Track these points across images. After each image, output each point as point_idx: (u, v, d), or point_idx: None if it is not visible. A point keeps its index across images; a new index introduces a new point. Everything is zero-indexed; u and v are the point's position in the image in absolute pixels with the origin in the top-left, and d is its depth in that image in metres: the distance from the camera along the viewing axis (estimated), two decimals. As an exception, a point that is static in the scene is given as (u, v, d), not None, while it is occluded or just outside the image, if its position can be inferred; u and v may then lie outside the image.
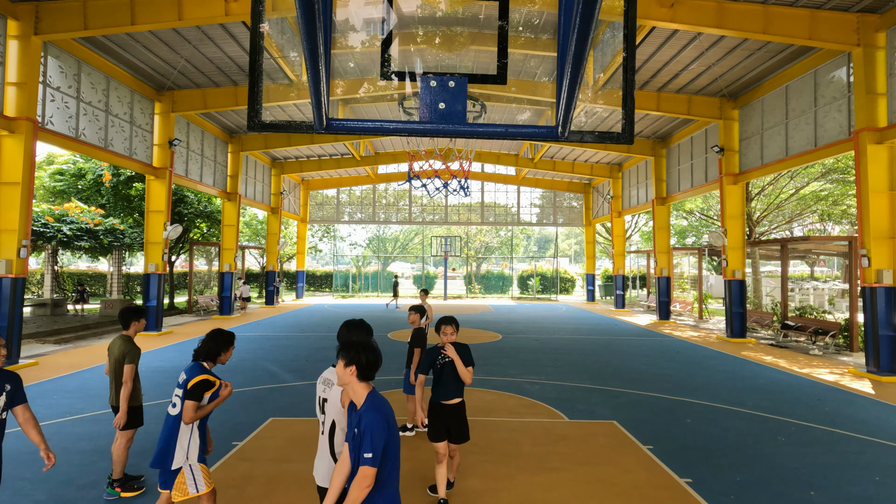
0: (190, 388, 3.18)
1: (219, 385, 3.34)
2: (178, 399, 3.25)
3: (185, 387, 3.20)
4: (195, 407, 3.19)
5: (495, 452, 5.36)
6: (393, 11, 2.68)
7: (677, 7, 10.06)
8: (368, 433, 2.22)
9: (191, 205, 20.49)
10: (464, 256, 35.07)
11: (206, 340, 3.38)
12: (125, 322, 4.28)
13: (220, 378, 3.41)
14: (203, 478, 3.25)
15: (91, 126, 12.14)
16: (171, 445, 3.21)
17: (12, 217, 9.71)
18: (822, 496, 4.45)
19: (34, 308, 17.07)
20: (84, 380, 8.46)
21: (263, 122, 2.46)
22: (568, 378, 9.00)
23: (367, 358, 2.39)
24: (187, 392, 3.18)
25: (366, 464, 2.18)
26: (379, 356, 2.44)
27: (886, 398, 7.91)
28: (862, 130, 9.87)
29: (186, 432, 3.24)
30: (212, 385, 3.28)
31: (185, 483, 3.19)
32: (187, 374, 3.26)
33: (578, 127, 18.38)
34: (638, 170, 22.02)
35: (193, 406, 3.18)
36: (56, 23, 10.15)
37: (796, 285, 23.60)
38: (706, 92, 14.57)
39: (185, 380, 3.23)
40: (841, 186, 20.53)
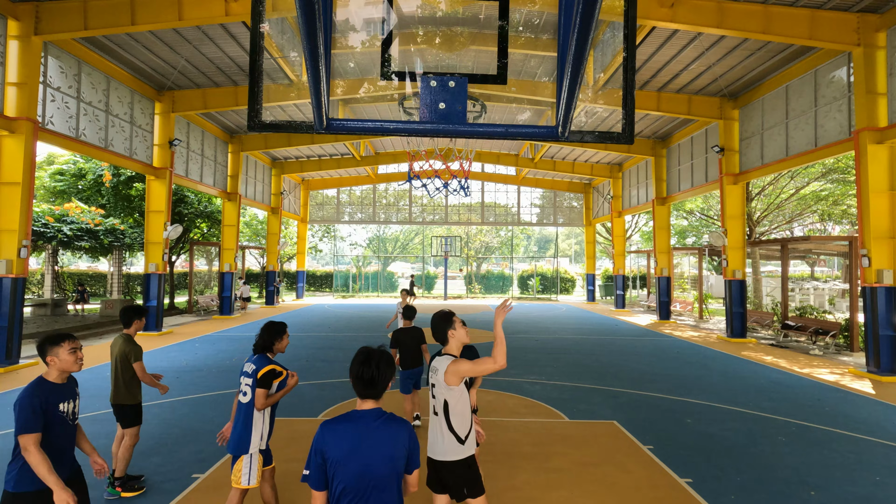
0: (260, 378, 3.42)
1: (286, 375, 3.60)
2: (248, 388, 3.46)
3: (255, 376, 3.43)
4: (265, 394, 3.44)
5: (495, 452, 5.36)
6: (393, 11, 2.69)
7: (677, 7, 10.06)
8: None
9: (191, 205, 20.50)
10: (464, 256, 35.06)
11: (260, 334, 3.64)
12: (126, 321, 4.34)
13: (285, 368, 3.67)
14: (256, 472, 3.45)
15: (91, 126, 12.14)
16: (247, 432, 3.43)
17: (12, 217, 9.72)
18: (822, 496, 4.45)
19: (34, 308, 17.08)
20: (84, 380, 8.45)
21: (263, 122, 2.46)
22: (568, 378, 9.00)
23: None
24: (257, 381, 3.42)
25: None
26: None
27: (886, 398, 7.90)
28: (862, 130, 9.87)
29: (259, 419, 3.47)
30: (279, 374, 3.53)
31: (240, 472, 3.42)
32: (256, 365, 3.49)
33: (578, 127, 18.39)
34: (638, 170, 22.01)
35: (264, 394, 3.44)
36: (56, 23, 10.15)
37: (796, 285, 23.60)
38: (706, 92, 14.57)
39: (254, 370, 3.47)
40: (841, 186, 20.53)
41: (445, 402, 3.02)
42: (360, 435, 2.07)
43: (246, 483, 3.41)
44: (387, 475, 2.04)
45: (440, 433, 3.02)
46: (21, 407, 2.63)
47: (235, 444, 3.44)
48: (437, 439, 3.04)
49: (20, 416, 2.61)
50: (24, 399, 2.65)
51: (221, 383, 8.27)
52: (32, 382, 2.76)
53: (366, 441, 2.06)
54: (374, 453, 2.04)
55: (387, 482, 2.04)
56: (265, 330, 3.66)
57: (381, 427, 2.09)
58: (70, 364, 2.81)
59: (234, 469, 3.43)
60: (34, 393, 2.68)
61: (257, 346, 3.62)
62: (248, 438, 3.43)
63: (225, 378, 8.66)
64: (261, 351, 3.62)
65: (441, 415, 3.03)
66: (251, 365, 3.52)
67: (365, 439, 2.06)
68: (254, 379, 3.43)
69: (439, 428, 3.03)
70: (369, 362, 2.13)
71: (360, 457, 2.03)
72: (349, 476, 2.01)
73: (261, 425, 3.48)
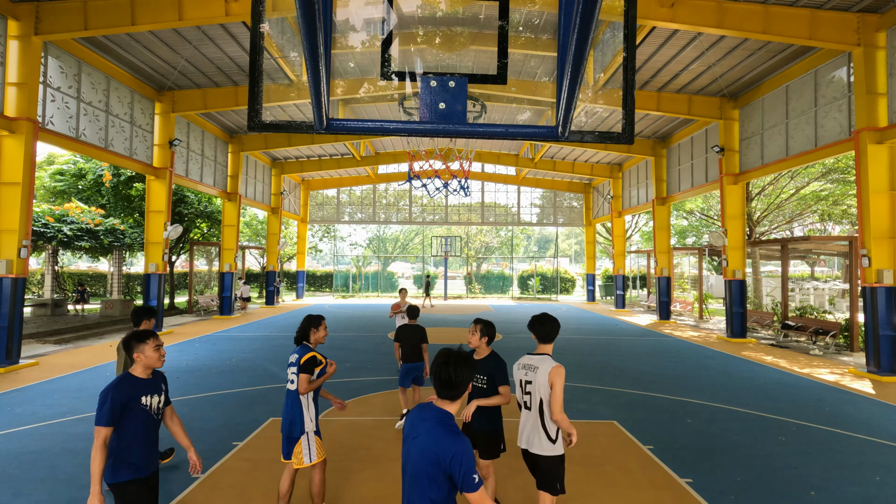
0: (302, 364, 3.72)
1: (325, 363, 3.89)
2: (293, 376, 3.76)
3: (298, 363, 3.73)
4: (308, 380, 3.72)
5: (495, 452, 5.36)
6: (393, 11, 2.69)
7: (677, 7, 10.06)
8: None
9: (191, 205, 20.49)
10: (464, 256, 35.07)
11: (301, 326, 3.93)
12: (137, 320, 4.49)
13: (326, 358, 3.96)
14: (316, 449, 3.74)
15: (91, 126, 12.14)
16: (295, 416, 3.74)
17: (12, 217, 9.72)
18: (822, 496, 4.45)
19: (34, 308, 17.08)
20: (84, 380, 8.46)
21: (263, 122, 2.46)
22: (568, 378, 9.00)
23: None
24: (300, 367, 3.72)
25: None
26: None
27: (886, 398, 7.90)
28: (862, 130, 9.87)
29: (305, 402, 3.77)
30: (319, 363, 3.83)
31: (301, 453, 3.70)
32: (298, 354, 3.79)
33: (579, 127, 18.39)
34: (638, 170, 22.01)
35: (306, 379, 3.72)
36: (56, 23, 10.15)
37: (797, 285, 23.60)
38: (706, 92, 14.57)
39: (297, 359, 3.76)
40: (841, 186, 20.53)
41: (541, 401, 3.25)
42: (415, 425, 2.19)
43: (308, 461, 3.69)
44: (421, 469, 2.08)
45: (535, 428, 3.28)
46: (100, 400, 2.79)
47: (289, 428, 3.73)
48: (531, 433, 3.30)
49: (97, 409, 2.79)
50: (105, 392, 2.81)
51: (222, 383, 8.26)
52: (118, 377, 2.91)
53: (415, 432, 2.17)
54: (415, 446, 2.13)
55: (420, 476, 2.08)
56: (303, 321, 3.94)
57: (433, 428, 2.12)
58: (154, 360, 3.00)
59: (295, 452, 3.71)
60: (116, 387, 2.83)
61: (297, 337, 3.92)
62: (301, 421, 3.73)
63: (225, 378, 8.66)
64: (301, 341, 3.90)
65: (535, 411, 3.27)
66: (295, 355, 3.81)
67: (417, 431, 2.17)
68: (297, 366, 3.73)
69: (533, 423, 3.28)
70: (447, 364, 2.19)
71: (410, 443, 2.17)
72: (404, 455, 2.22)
73: (306, 410, 3.77)
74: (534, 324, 3.46)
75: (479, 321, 3.90)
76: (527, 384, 3.34)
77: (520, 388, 3.41)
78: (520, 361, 3.49)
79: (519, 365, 3.47)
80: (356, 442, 5.64)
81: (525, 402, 3.36)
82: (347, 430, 6.01)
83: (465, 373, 2.19)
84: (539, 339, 3.43)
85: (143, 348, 2.97)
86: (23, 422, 6.23)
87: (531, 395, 3.30)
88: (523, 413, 3.40)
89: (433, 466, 2.05)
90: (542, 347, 3.42)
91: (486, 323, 3.88)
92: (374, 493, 4.40)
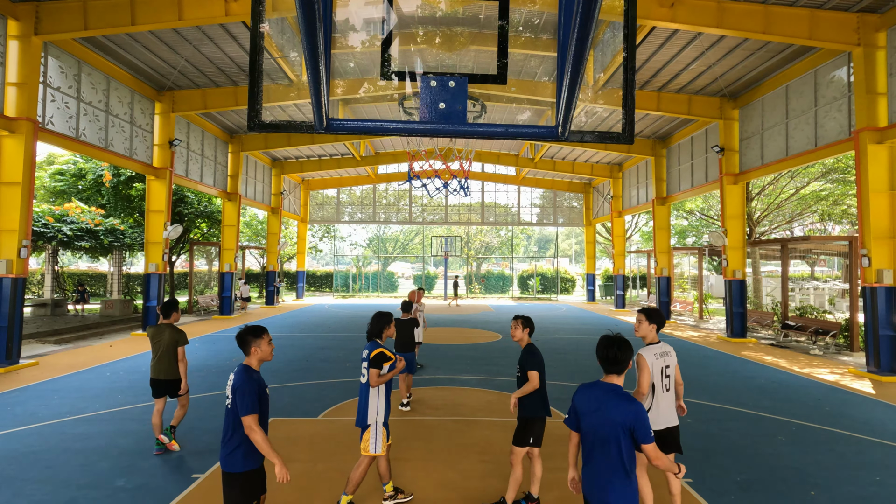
0: (371, 359, 3.97)
1: (395, 359, 4.15)
2: (365, 370, 4.01)
3: (368, 358, 3.99)
4: (377, 374, 3.97)
5: (495, 452, 5.36)
6: (393, 11, 2.69)
7: (677, 7, 10.06)
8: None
9: (191, 205, 20.49)
10: (464, 256, 35.07)
11: (371, 323, 4.22)
12: (167, 313, 5.25)
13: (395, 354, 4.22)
14: (381, 442, 3.98)
15: (91, 126, 12.14)
16: (366, 407, 3.98)
17: (12, 217, 9.72)
18: (822, 496, 4.45)
19: (34, 308, 17.08)
20: (84, 380, 8.46)
21: (263, 122, 2.46)
22: (568, 378, 9.00)
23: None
24: (370, 362, 3.97)
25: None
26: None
27: (886, 398, 7.90)
28: (862, 130, 9.87)
29: (375, 396, 4.00)
30: (388, 358, 4.06)
31: (368, 441, 3.95)
32: (368, 350, 4.05)
33: (578, 127, 18.39)
34: (638, 170, 22.01)
35: (376, 373, 3.96)
36: (56, 23, 10.15)
37: (797, 285, 23.60)
38: (706, 92, 14.57)
39: (367, 355, 4.03)
40: (841, 186, 20.52)
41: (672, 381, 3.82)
42: (597, 399, 2.71)
43: (373, 451, 3.95)
44: (609, 435, 2.62)
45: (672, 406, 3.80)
46: (244, 392, 2.95)
47: (361, 419, 4.01)
48: (672, 410, 3.80)
49: (245, 400, 2.94)
50: (245, 384, 2.97)
51: (222, 383, 8.26)
52: (242, 370, 3.06)
53: (597, 405, 2.70)
54: (602, 416, 2.65)
55: (609, 440, 2.62)
56: (374, 319, 4.23)
57: (612, 399, 2.67)
58: (268, 354, 3.18)
59: (363, 439, 4.00)
60: (251, 378, 3.02)
61: (369, 333, 4.21)
62: (368, 412, 3.98)
63: (225, 378, 8.66)
64: (372, 338, 4.18)
65: (672, 391, 3.80)
66: (366, 351, 4.08)
67: (602, 404, 2.68)
68: (367, 361, 4.00)
69: (671, 401, 3.79)
70: (612, 346, 2.73)
71: (595, 416, 2.69)
72: (588, 427, 2.72)
73: (376, 401, 4.00)
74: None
75: (519, 317, 4.27)
76: (667, 367, 3.81)
77: (661, 375, 3.79)
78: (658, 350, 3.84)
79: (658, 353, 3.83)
80: (357, 443, 5.64)
81: (665, 384, 3.80)
82: (347, 430, 6.01)
83: (626, 352, 2.73)
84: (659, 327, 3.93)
85: (260, 343, 3.11)
86: (23, 422, 6.23)
87: (670, 377, 3.81)
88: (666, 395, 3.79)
89: (620, 428, 2.59)
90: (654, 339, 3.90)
91: (525, 318, 4.25)
92: (379, 493, 4.40)
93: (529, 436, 4.05)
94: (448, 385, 8.34)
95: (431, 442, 5.67)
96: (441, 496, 4.38)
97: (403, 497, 4.23)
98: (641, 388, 3.72)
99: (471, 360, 10.56)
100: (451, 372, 9.33)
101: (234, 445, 2.97)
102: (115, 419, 6.35)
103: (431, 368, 9.56)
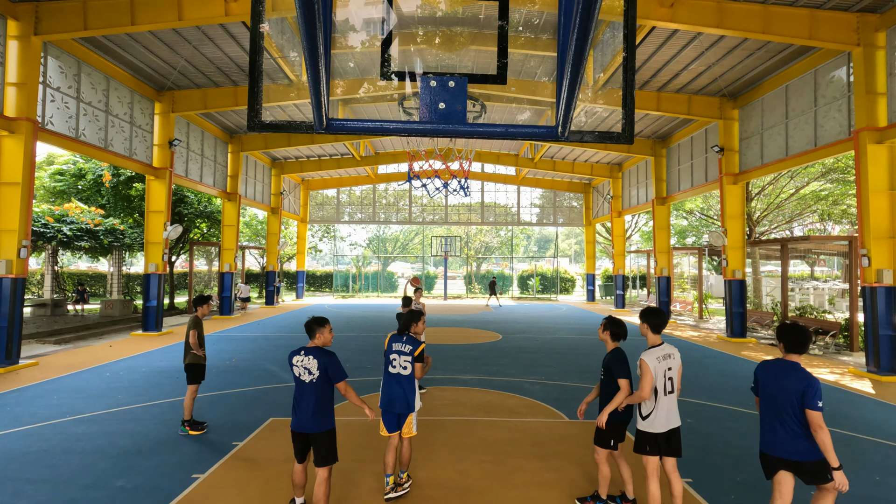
0: (417, 355, 4.45)
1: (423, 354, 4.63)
2: (408, 364, 4.41)
3: (413, 354, 4.43)
4: (422, 368, 4.53)
5: (495, 452, 5.36)
6: (393, 11, 2.69)
7: (677, 7, 10.06)
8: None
9: (191, 205, 20.49)
10: (464, 256, 35.06)
11: (404, 319, 4.64)
12: (194, 306, 6.08)
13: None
14: (416, 423, 4.51)
15: (91, 126, 12.14)
16: (413, 395, 4.40)
17: (12, 217, 9.71)
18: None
19: (34, 308, 17.07)
20: (84, 380, 8.46)
21: (263, 123, 2.46)
22: (568, 378, 9.00)
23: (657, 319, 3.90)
24: (415, 358, 4.44)
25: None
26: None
27: (886, 398, 7.91)
28: (862, 130, 9.87)
29: (415, 386, 4.47)
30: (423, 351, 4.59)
31: (411, 424, 4.43)
32: (412, 346, 4.46)
33: (578, 127, 18.39)
34: (638, 170, 22.02)
35: (421, 367, 4.51)
36: (56, 23, 10.15)
37: (796, 285, 23.60)
38: (706, 92, 14.57)
39: (411, 349, 4.44)
40: (841, 186, 20.53)
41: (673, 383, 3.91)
42: (777, 372, 3.32)
43: (414, 431, 4.46)
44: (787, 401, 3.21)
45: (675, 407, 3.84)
46: (335, 364, 3.85)
47: (407, 405, 4.37)
48: (674, 412, 3.83)
49: (339, 370, 3.86)
50: (331, 359, 3.85)
51: (222, 383, 8.27)
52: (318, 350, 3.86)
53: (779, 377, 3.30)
54: (783, 385, 3.25)
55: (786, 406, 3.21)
56: (406, 316, 4.67)
57: (792, 373, 3.25)
58: (329, 340, 3.98)
59: (407, 423, 4.41)
60: (331, 353, 3.89)
61: (402, 328, 4.60)
62: (414, 399, 4.41)
63: (225, 378, 8.66)
64: (405, 332, 4.57)
65: (675, 393, 3.84)
66: (407, 346, 4.45)
67: (780, 376, 3.29)
68: (412, 357, 4.42)
69: (674, 403, 3.83)
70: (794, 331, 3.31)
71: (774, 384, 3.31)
72: (767, 395, 3.34)
73: (416, 391, 4.49)
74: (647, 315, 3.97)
75: (608, 318, 4.25)
76: (669, 370, 3.84)
77: (664, 378, 3.80)
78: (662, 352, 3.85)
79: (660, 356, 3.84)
80: (359, 442, 5.64)
81: (667, 387, 3.82)
82: (347, 430, 6.02)
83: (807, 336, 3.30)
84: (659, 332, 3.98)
85: (323, 331, 3.92)
86: (23, 422, 6.23)
87: (673, 380, 3.86)
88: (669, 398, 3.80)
89: (796, 396, 3.17)
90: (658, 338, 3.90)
91: (612, 321, 4.19)
92: (378, 495, 4.40)
93: (611, 438, 4.04)
94: (448, 385, 8.33)
95: (431, 442, 5.67)
96: (441, 496, 4.38)
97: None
98: (643, 393, 3.71)
99: (471, 360, 10.56)
100: (451, 372, 9.33)
101: (327, 409, 3.87)
102: (115, 419, 6.35)
103: (431, 368, 9.56)
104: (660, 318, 3.84)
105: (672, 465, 3.85)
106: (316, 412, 3.80)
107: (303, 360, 3.83)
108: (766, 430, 3.33)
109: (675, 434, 3.81)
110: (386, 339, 4.56)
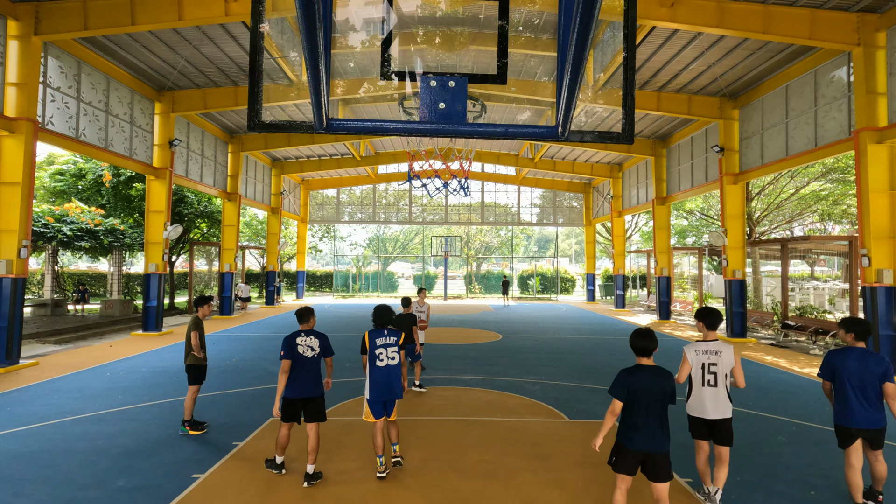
0: (401, 344, 4.91)
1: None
2: (395, 354, 4.77)
3: (398, 344, 4.83)
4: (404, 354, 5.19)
5: (495, 452, 5.36)
6: (393, 11, 2.69)
7: (677, 7, 10.06)
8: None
9: (191, 205, 20.49)
10: (464, 256, 35.06)
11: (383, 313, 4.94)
12: (195, 307, 6.06)
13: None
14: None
15: (91, 126, 12.14)
16: (398, 383, 4.76)
17: (12, 217, 9.72)
18: (822, 496, 4.45)
19: (34, 308, 17.08)
20: (84, 380, 8.46)
21: (263, 123, 2.46)
22: (568, 378, 9.00)
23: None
24: (400, 347, 4.87)
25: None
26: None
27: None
28: (862, 130, 9.87)
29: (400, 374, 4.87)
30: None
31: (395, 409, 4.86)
32: (395, 336, 4.85)
33: (578, 127, 18.39)
34: (638, 170, 22.01)
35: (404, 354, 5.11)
36: (56, 23, 10.15)
37: (796, 285, 23.60)
38: (706, 92, 14.57)
39: (395, 340, 4.83)
40: (841, 186, 20.52)
41: (726, 376, 4.13)
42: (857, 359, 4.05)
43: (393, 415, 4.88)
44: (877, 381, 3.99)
45: (722, 399, 4.09)
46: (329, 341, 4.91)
47: (399, 392, 4.77)
48: (716, 404, 4.09)
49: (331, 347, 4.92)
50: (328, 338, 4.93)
51: (222, 383, 8.27)
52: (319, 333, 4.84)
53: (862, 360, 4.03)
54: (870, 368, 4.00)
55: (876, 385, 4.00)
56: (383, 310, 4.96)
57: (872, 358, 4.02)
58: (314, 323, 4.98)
59: (395, 409, 4.85)
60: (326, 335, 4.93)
61: (383, 323, 4.89)
62: (400, 387, 4.81)
63: (225, 378, 8.66)
64: (385, 326, 4.88)
65: (722, 386, 4.09)
66: (391, 337, 4.81)
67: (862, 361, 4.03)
68: (398, 346, 4.81)
69: (720, 395, 4.09)
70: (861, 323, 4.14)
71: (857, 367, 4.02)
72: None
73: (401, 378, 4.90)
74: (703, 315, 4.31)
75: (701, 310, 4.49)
76: (712, 364, 4.11)
77: (705, 370, 4.12)
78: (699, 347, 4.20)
79: (700, 350, 4.18)
80: (353, 441, 5.64)
81: (708, 379, 4.11)
82: (347, 430, 6.02)
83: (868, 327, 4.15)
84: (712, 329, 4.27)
85: (313, 317, 4.92)
86: (23, 422, 6.23)
87: (718, 374, 4.10)
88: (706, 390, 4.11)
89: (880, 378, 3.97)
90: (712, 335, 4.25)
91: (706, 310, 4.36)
92: (377, 494, 4.39)
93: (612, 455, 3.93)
94: (448, 385, 8.33)
95: (431, 442, 5.67)
96: (441, 496, 4.38)
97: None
98: (679, 378, 4.14)
99: (471, 360, 10.56)
100: (451, 372, 9.33)
101: (320, 378, 4.77)
102: (115, 419, 6.35)
103: (431, 369, 9.55)
104: (713, 317, 4.23)
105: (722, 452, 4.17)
106: (315, 380, 4.70)
107: (306, 339, 4.71)
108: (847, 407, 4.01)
109: (720, 424, 4.09)
110: (364, 337, 4.82)
